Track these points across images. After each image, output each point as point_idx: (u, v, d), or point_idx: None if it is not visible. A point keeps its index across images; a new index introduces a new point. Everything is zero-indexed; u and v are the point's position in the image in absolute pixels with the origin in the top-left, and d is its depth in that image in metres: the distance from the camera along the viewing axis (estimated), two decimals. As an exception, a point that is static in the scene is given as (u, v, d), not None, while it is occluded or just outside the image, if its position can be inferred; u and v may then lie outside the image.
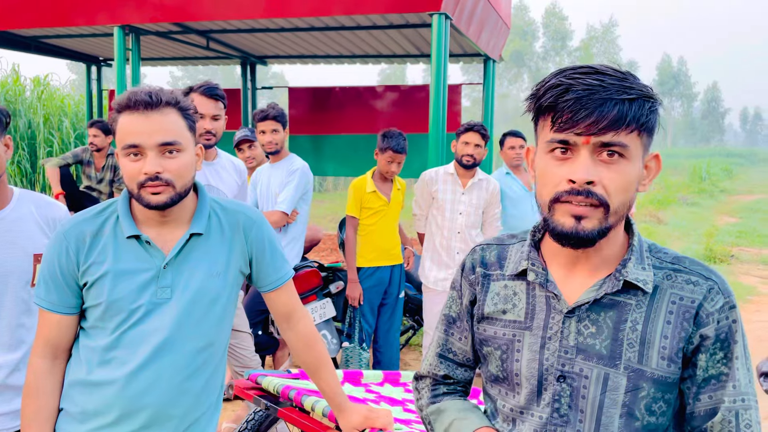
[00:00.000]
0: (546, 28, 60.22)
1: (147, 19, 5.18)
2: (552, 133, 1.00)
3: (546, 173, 1.02)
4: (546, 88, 1.01)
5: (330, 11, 4.88)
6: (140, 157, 1.46)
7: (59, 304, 1.51)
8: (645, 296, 1.05)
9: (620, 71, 1.00)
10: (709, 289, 1.04)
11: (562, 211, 1.00)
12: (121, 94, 1.51)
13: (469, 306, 1.21)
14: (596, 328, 1.05)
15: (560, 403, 1.07)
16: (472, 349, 1.23)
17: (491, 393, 1.18)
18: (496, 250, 1.19)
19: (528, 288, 1.12)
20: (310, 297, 3.92)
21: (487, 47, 6.34)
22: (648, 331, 1.03)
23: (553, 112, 1.00)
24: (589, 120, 0.96)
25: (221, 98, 2.96)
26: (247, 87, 8.15)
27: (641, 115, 0.97)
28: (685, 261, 1.08)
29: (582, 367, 1.05)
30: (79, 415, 1.51)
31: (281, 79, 56.92)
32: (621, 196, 1.00)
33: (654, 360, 1.03)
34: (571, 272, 1.09)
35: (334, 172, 7.48)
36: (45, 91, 10.57)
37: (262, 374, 2.15)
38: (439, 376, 1.28)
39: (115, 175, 5.99)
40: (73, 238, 1.50)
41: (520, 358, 1.10)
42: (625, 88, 0.97)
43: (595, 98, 0.96)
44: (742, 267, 8.99)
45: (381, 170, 3.86)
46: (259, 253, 1.64)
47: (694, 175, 25.22)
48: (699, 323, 1.03)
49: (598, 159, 0.98)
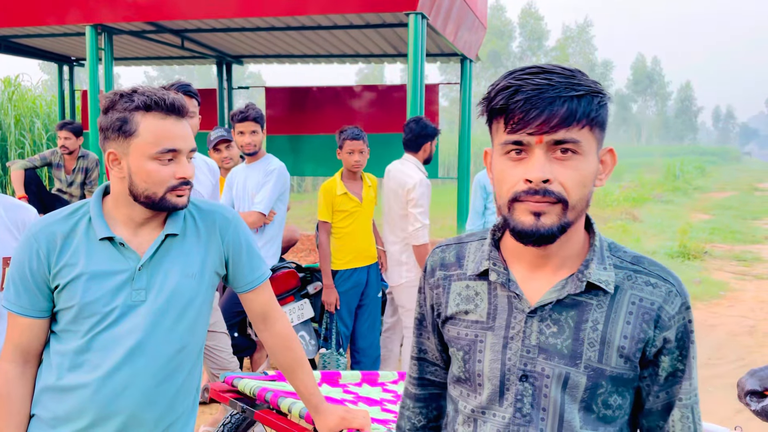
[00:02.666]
0: (522, 28, 60.69)
1: (120, 18, 5.10)
2: (506, 134, 1.01)
3: (503, 175, 1.03)
4: (496, 90, 1.02)
5: (306, 10, 4.86)
6: (172, 161, 1.46)
7: (30, 307, 1.48)
8: (606, 296, 1.06)
9: (568, 69, 1.01)
10: (668, 291, 1.06)
11: (521, 209, 1.01)
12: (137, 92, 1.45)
13: (431, 309, 1.21)
14: (558, 328, 1.06)
15: (522, 402, 1.07)
16: (439, 350, 1.25)
17: (453, 394, 1.19)
18: (455, 249, 1.20)
19: (490, 288, 1.12)
20: (288, 298, 3.90)
21: (464, 47, 6.36)
22: (608, 331, 1.04)
23: (504, 114, 1.01)
24: (540, 119, 0.97)
25: (195, 96, 2.95)
26: (223, 87, 8.08)
27: (591, 110, 0.99)
28: (644, 261, 1.10)
29: (544, 367, 1.06)
30: (51, 420, 1.48)
31: (258, 78, 56.57)
32: (578, 191, 1.01)
33: (613, 359, 1.04)
34: (533, 272, 1.10)
35: (312, 173, 7.45)
36: (16, 92, 10.38)
37: (238, 377, 2.13)
38: (409, 377, 1.30)
39: (87, 178, 5.90)
40: (43, 240, 1.47)
41: (482, 359, 1.10)
42: (573, 85, 0.98)
43: (545, 97, 0.97)
44: (716, 263, 9.16)
45: (347, 166, 3.83)
46: (235, 254, 1.62)
47: (668, 173, 25.64)
48: (661, 326, 1.05)
49: (552, 157, 0.99)
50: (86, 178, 5.89)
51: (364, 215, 3.89)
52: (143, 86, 1.49)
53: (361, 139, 3.77)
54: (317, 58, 7.81)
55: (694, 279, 7.83)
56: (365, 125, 4.44)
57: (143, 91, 1.46)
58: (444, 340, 1.20)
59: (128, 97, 1.45)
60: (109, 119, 1.46)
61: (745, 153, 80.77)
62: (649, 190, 20.23)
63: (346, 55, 7.59)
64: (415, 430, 1.30)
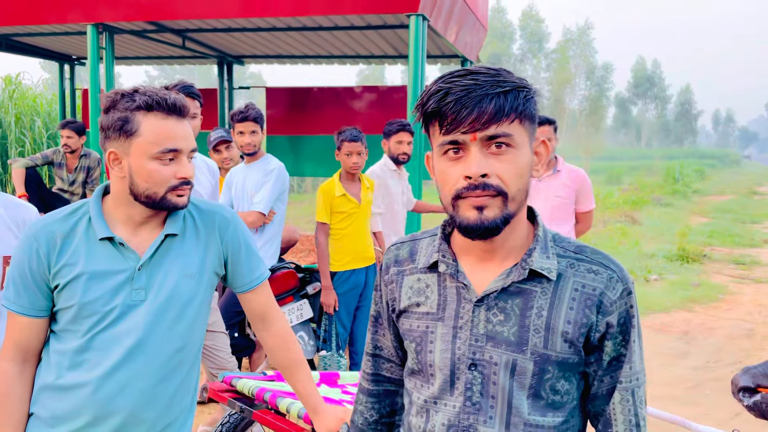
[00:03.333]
0: (523, 31, 60.71)
1: (121, 18, 5.11)
2: (441, 136, 1.06)
3: (444, 174, 1.07)
4: (428, 95, 1.06)
5: (308, 11, 4.87)
6: (173, 161, 1.47)
7: (29, 307, 1.49)
8: (549, 284, 1.09)
9: (493, 69, 1.06)
10: (610, 278, 1.09)
11: (464, 205, 1.05)
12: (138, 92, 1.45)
13: (387, 305, 1.25)
14: (504, 316, 1.09)
15: (472, 391, 1.10)
16: (395, 346, 1.28)
17: (408, 387, 1.22)
18: (408, 246, 1.23)
19: (439, 280, 1.15)
20: (287, 298, 3.90)
21: (465, 48, 6.37)
22: (552, 317, 1.08)
23: (438, 116, 1.05)
24: (471, 117, 1.02)
25: (197, 97, 2.95)
26: (224, 87, 8.08)
27: (518, 104, 1.03)
28: (587, 250, 1.13)
29: (492, 355, 1.09)
30: (49, 419, 1.48)
31: (259, 78, 56.54)
32: (516, 182, 1.05)
33: (558, 344, 1.08)
34: (480, 263, 1.13)
35: (312, 173, 7.45)
36: (17, 91, 10.38)
37: (237, 376, 2.13)
38: (363, 372, 1.33)
39: (88, 177, 5.90)
40: (43, 240, 1.47)
41: (433, 349, 1.13)
42: (498, 83, 1.03)
43: (473, 96, 1.02)
44: (714, 266, 9.17)
45: (345, 168, 3.84)
46: (234, 254, 1.63)
47: (668, 176, 25.63)
48: (603, 312, 1.08)
49: (488, 152, 1.04)
50: (88, 177, 5.89)
51: (362, 217, 3.89)
52: (145, 86, 1.49)
53: (360, 140, 3.77)
54: (318, 58, 7.82)
55: (693, 282, 7.84)
56: (365, 126, 4.45)
57: (145, 90, 1.46)
58: (399, 334, 1.24)
59: (130, 96, 1.45)
60: (110, 119, 1.46)
61: (745, 156, 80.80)
62: (648, 193, 20.24)
63: (347, 56, 7.60)
64: (367, 424, 1.33)
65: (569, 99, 54.09)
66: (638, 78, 75.03)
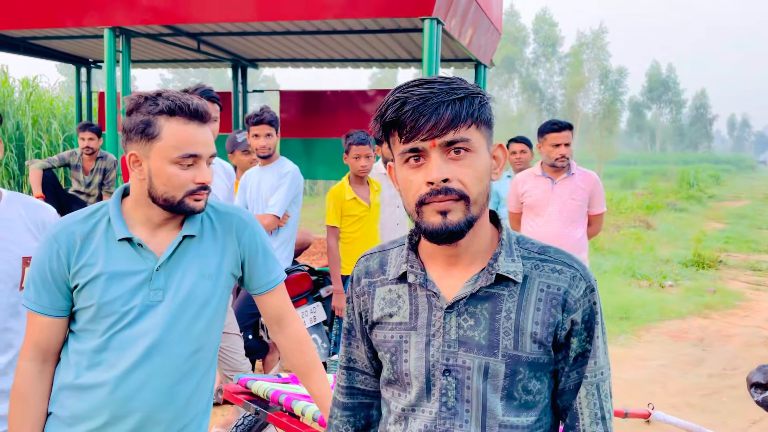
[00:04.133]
0: (536, 34, 60.52)
1: (137, 21, 5.15)
2: (402, 144, 1.08)
3: (406, 182, 1.10)
4: (386, 106, 1.09)
5: (322, 15, 4.89)
6: (192, 166, 1.48)
7: (49, 306, 1.50)
8: (516, 286, 1.12)
9: (447, 78, 1.09)
10: (573, 276, 1.13)
11: (428, 211, 1.07)
12: (161, 95, 1.46)
13: (359, 317, 1.26)
14: (475, 321, 1.12)
15: (447, 396, 1.12)
16: (369, 357, 1.28)
17: (385, 397, 1.23)
18: (378, 257, 1.25)
19: (410, 290, 1.17)
20: (301, 301, 3.90)
21: (479, 52, 6.36)
22: (521, 318, 1.11)
23: (397, 126, 1.08)
24: (429, 124, 1.04)
25: (217, 100, 2.98)
26: (238, 90, 8.13)
27: (473, 109, 1.06)
28: (550, 250, 1.16)
29: (464, 359, 1.11)
30: (68, 419, 1.50)
31: (272, 82, 56.83)
32: (477, 186, 1.08)
33: (528, 345, 1.10)
34: (448, 270, 1.15)
35: (325, 176, 7.47)
36: (34, 93, 10.50)
37: (252, 378, 2.13)
38: (338, 386, 1.33)
39: (105, 178, 5.95)
40: (63, 241, 1.49)
41: (408, 358, 1.15)
42: (453, 90, 1.06)
43: (430, 104, 1.05)
44: (730, 272, 9.07)
45: (353, 171, 3.84)
46: (251, 256, 1.63)
47: (683, 181, 25.41)
48: (568, 309, 1.12)
49: (447, 158, 1.07)
50: (104, 179, 5.94)
51: (372, 220, 3.91)
52: (168, 90, 1.51)
53: (368, 143, 3.78)
54: (331, 62, 7.84)
55: (709, 288, 7.75)
56: (378, 129, 4.45)
57: (168, 95, 1.47)
58: (373, 346, 1.25)
59: (153, 100, 1.46)
60: (132, 121, 1.47)
61: (761, 162, 79.94)
62: (662, 198, 20.07)
63: (361, 59, 7.61)
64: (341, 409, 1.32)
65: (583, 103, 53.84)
66: (653, 82, 74.50)
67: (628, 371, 4.93)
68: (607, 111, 46.20)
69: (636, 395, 4.42)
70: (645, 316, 6.38)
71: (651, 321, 6.29)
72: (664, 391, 4.55)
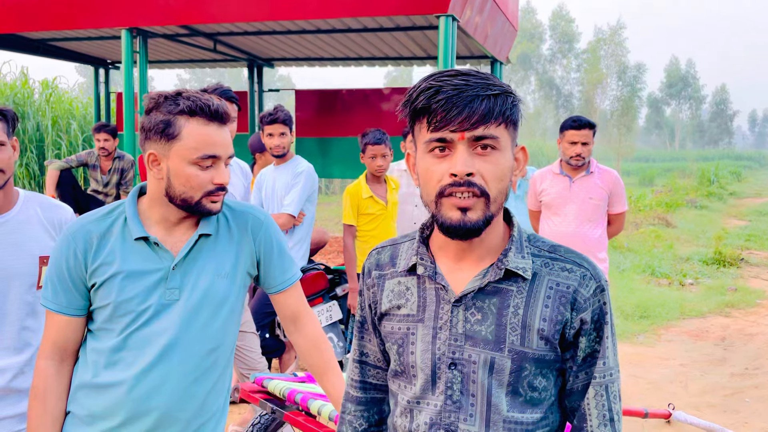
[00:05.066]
0: (553, 31, 60.08)
1: (154, 22, 5.18)
2: (429, 133, 1.07)
3: (428, 171, 1.08)
4: (418, 92, 1.07)
5: (337, 13, 4.88)
6: (211, 167, 1.48)
7: (67, 305, 1.51)
8: (525, 283, 1.12)
9: (482, 73, 1.08)
10: (583, 275, 1.12)
11: (448, 205, 1.07)
12: (182, 96, 1.46)
13: (370, 309, 1.26)
14: (482, 315, 1.11)
15: (452, 389, 1.12)
16: (381, 351, 1.28)
17: (393, 389, 1.23)
18: (389, 250, 1.25)
19: (419, 282, 1.18)
20: (317, 299, 3.91)
21: (495, 49, 6.32)
22: (528, 315, 1.10)
23: (427, 113, 1.07)
24: (461, 116, 1.03)
25: (235, 100, 2.99)
26: (254, 89, 8.15)
27: (506, 108, 1.06)
28: (561, 249, 1.16)
29: (471, 353, 1.11)
30: (86, 417, 1.50)
31: (288, 81, 57.03)
32: (498, 185, 1.07)
33: (534, 341, 1.10)
34: (458, 264, 1.15)
35: (341, 175, 7.46)
36: (53, 94, 10.63)
37: (269, 377, 2.13)
38: (350, 379, 1.32)
39: (122, 178, 6.01)
40: (80, 240, 1.50)
41: (414, 350, 1.16)
42: (488, 85, 1.05)
43: (464, 96, 1.03)
44: (752, 270, 8.92)
45: (370, 170, 3.83)
46: (267, 255, 1.63)
47: (703, 178, 25.07)
48: (577, 308, 1.11)
49: (473, 152, 1.06)
50: (122, 179, 6.00)
51: (388, 218, 3.89)
52: (188, 90, 1.50)
53: (383, 143, 3.77)
54: (346, 60, 7.84)
55: (730, 286, 7.63)
56: (393, 128, 4.43)
57: (188, 95, 1.47)
58: (382, 338, 1.25)
59: (173, 100, 1.46)
60: (152, 120, 1.47)
61: (783, 158, 78.54)
62: (682, 195, 19.81)
63: (376, 57, 7.59)
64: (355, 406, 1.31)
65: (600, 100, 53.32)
66: (672, 78, 73.60)
67: (648, 371, 4.87)
68: (625, 107, 45.70)
69: (656, 395, 4.36)
70: (665, 314, 6.30)
71: (671, 320, 6.21)
72: (685, 391, 4.48)
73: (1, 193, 1.75)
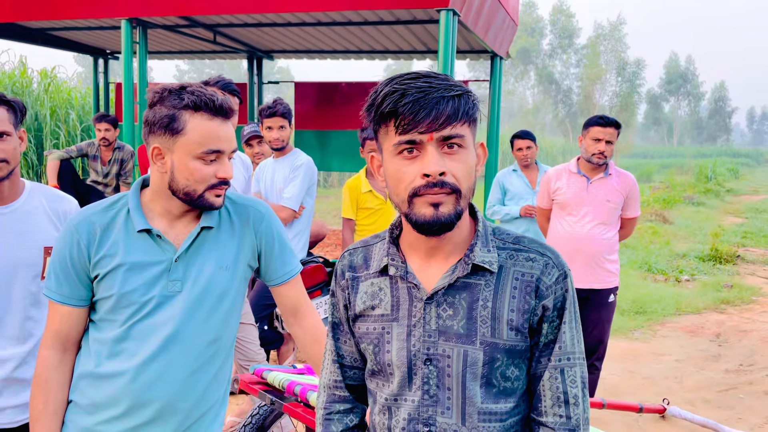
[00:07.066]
0: (553, 26, 59.96)
1: (154, 12, 5.17)
2: (398, 136, 1.09)
3: (398, 173, 1.10)
4: (383, 96, 1.09)
5: (337, 6, 4.87)
6: (215, 162, 1.49)
7: (70, 296, 1.52)
8: (492, 276, 1.15)
9: (440, 74, 1.11)
10: (545, 263, 1.16)
11: (420, 202, 1.09)
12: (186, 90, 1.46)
13: (344, 310, 1.28)
14: (453, 311, 1.15)
15: (429, 384, 1.15)
16: (357, 350, 1.29)
17: (371, 387, 1.25)
18: (362, 252, 1.27)
19: (391, 282, 1.20)
20: (315, 292, 3.92)
21: (495, 44, 6.31)
22: (497, 307, 1.14)
23: (394, 117, 1.08)
24: (429, 118, 1.06)
25: (236, 93, 2.98)
26: (253, 81, 8.14)
27: (469, 107, 1.10)
28: (524, 240, 1.19)
29: (444, 348, 1.14)
30: (88, 407, 1.52)
31: (287, 73, 56.86)
32: (467, 181, 1.11)
33: (504, 332, 1.13)
34: (427, 262, 1.18)
35: (340, 168, 7.47)
36: (52, 84, 10.59)
37: (268, 369, 2.15)
38: (333, 381, 1.32)
39: (122, 169, 6.00)
40: (84, 231, 1.51)
41: (390, 349, 1.18)
42: (450, 86, 1.08)
43: (430, 98, 1.06)
44: (748, 267, 8.96)
45: (369, 165, 3.84)
46: (267, 247, 1.64)
47: (700, 175, 25.12)
48: (540, 296, 1.15)
49: (442, 152, 1.09)
50: (121, 170, 6.00)
51: (388, 212, 3.90)
52: (192, 84, 1.51)
53: None
54: (346, 53, 7.82)
55: (726, 283, 7.67)
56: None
57: (192, 89, 1.48)
58: (356, 339, 1.26)
59: (177, 94, 1.47)
60: (156, 114, 1.48)
61: (781, 155, 78.68)
62: (680, 191, 19.85)
63: (376, 51, 7.58)
64: (348, 430, 1.31)
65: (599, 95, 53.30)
66: (671, 74, 73.56)
67: (643, 366, 4.90)
68: (624, 103, 45.68)
69: (651, 390, 4.40)
70: (661, 310, 6.34)
71: (667, 316, 6.25)
72: (680, 387, 4.52)
73: (7, 183, 1.75)
